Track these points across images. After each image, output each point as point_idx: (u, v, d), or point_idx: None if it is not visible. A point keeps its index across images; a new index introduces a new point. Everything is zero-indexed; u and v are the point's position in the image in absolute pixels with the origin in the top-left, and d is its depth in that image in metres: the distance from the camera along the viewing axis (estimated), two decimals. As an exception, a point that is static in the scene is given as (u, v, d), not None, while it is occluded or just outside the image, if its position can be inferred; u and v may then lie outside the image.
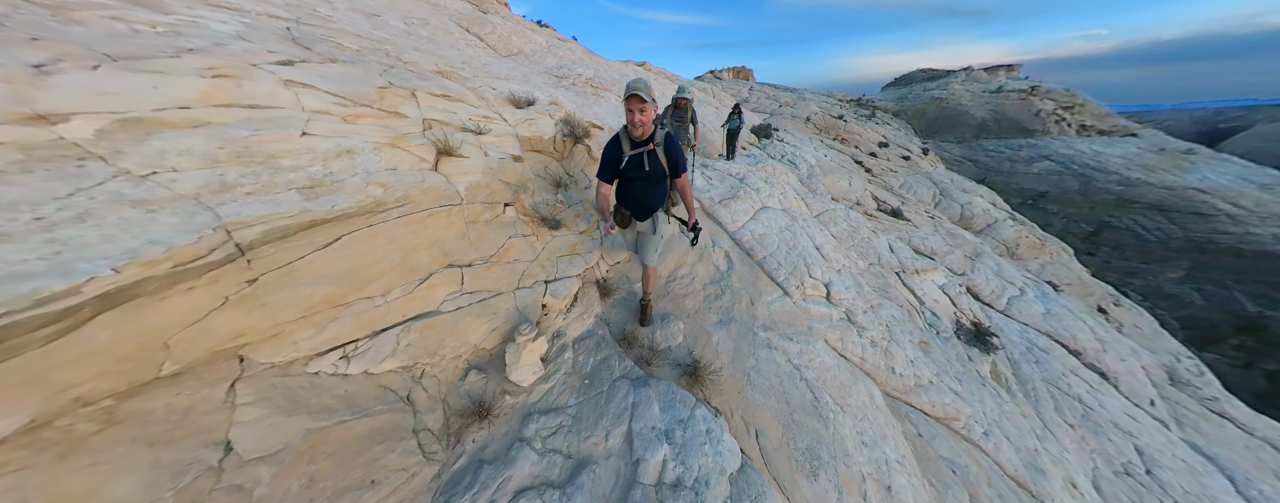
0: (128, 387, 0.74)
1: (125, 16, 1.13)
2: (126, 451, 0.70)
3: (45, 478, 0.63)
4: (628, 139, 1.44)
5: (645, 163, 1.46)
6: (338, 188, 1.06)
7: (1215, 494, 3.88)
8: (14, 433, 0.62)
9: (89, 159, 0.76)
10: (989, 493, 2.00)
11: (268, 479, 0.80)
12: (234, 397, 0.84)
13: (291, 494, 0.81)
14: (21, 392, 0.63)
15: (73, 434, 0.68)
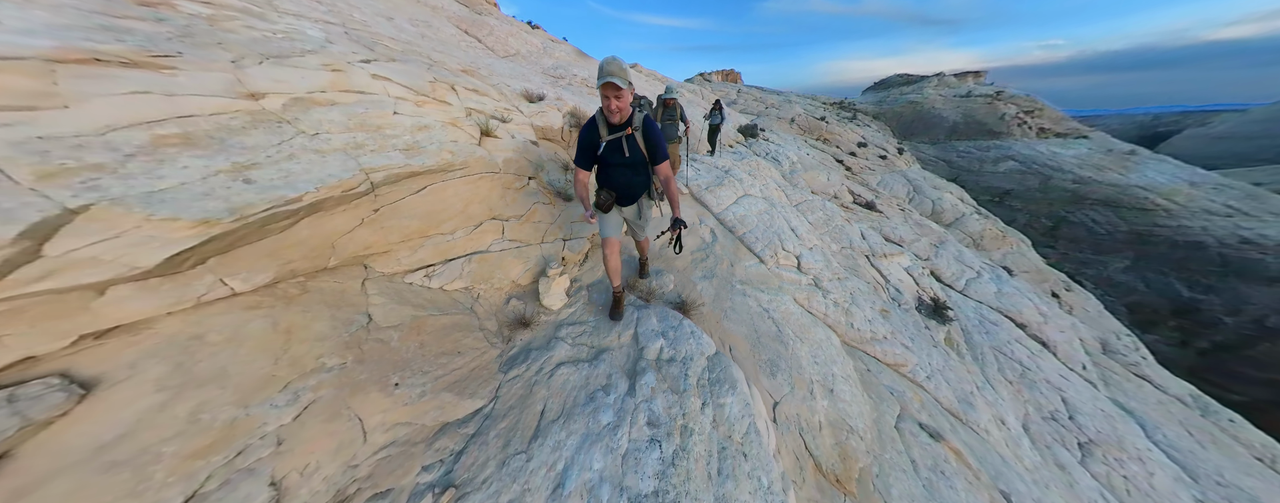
0: (312, 269, 1.15)
1: (254, 26, 1.51)
2: (317, 306, 1.11)
3: (281, 314, 1.04)
4: (604, 123, 1.37)
5: (624, 148, 1.39)
6: (423, 151, 1.47)
7: (1126, 436, 4.60)
8: (264, 285, 1.03)
9: (283, 123, 1.16)
10: (918, 409, 2.53)
11: (396, 339, 1.21)
12: (366, 289, 1.25)
13: (412, 350, 1.22)
14: (268, 260, 1.03)
15: (289, 293, 1.08)
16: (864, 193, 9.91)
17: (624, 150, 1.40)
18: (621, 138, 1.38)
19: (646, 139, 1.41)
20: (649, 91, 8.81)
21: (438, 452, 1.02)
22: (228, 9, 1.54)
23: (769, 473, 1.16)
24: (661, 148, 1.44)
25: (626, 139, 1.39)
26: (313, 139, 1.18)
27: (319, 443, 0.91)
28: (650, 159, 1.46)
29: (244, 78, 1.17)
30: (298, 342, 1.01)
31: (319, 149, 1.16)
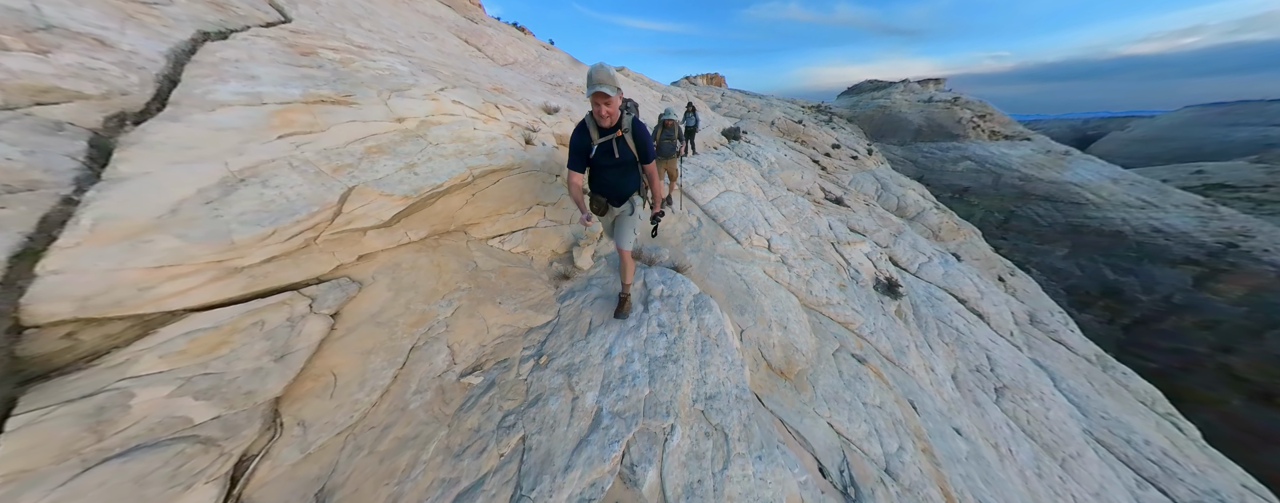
0: (443, 231, 1.80)
1: (367, 64, 2.13)
2: (449, 253, 1.77)
3: (433, 255, 1.69)
4: (595, 127, 1.43)
5: (615, 150, 1.45)
6: (496, 155, 2.14)
7: (1035, 383, 5.71)
8: (422, 238, 1.69)
9: (419, 137, 1.80)
10: (855, 348, 3.37)
11: (494, 278, 1.87)
12: (469, 247, 1.91)
13: (503, 285, 1.88)
14: (424, 223, 1.69)
15: (434, 244, 1.74)
16: (834, 190, 11.07)
17: (614, 152, 1.47)
18: (612, 140, 1.46)
19: (636, 140, 1.49)
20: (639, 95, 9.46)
21: (529, 340, 1.69)
22: (345, 52, 2.15)
23: (731, 355, 1.90)
24: (649, 148, 1.54)
25: (617, 141, 1.46)
26: (437, 147, 1.83)
27: (464, 330, 1.57)
28: (639, 158, 1.53)
29: (391, 107, 1.81)
30: (444, 272, 1.66)
31: (443, 154, 1.82)
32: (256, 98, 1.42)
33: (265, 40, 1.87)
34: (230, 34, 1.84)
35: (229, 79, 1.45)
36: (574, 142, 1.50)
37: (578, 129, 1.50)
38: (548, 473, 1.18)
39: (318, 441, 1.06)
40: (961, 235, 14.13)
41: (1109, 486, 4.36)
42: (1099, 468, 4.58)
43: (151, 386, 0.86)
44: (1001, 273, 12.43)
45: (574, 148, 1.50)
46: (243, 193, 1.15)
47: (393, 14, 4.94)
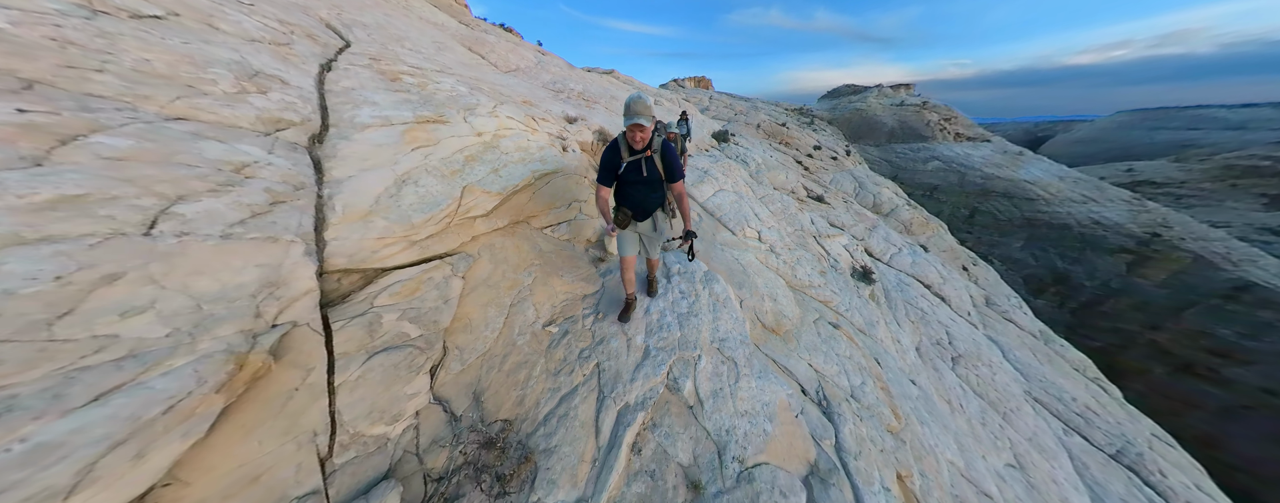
0: (515, 222, 2.34)
1: (437, 88, 2.62)
2: (522, 239, 2.30)
3: (514, 239, 2.22)
4: (626, 146, 1.55)
5: (643, 168, 1.56)
6: (547, 160, 2.68)
7: (986, 354, 6.66)
8: (505, 226, 2.22)
9: (494, 148, 2.32)
10: (831, 317, 4.07)
11: (553, 257, 2.41)
12: (533, 234, 2.44)
13: (561, 263, 2.42)
14: (506, 214, 2.22)
15: (512, 231, 2.27)
16: (816, 188, 12.04)
17: (642, 170, 1.60)
18: (641, 159, 1.58)
19: (664, 160, 1.63)
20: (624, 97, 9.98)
21: (586, 303, 2.23)
22: (417, 76, 2.64)
23: (735, 314, 2.51)
24: (677, 168, 1.66)
25: (645, 160, 1.59)
26: (508, 155, 2.35)
27: (541, 294, 2.11)
28: (666, 178, 1.66)
29: (470, 125, 2.32)
30: (522, 251, 2.19)
31: (512, 161, 2.35)
32: (386, 120, 1.91)
33: (362, 69, 2.33)
34: (331, 64, 2.30)
35: (361, 106, 1.93)
36: (606, 158, 1.64)
37: (610, 147, 1.65)
38: (619, 384, 1.74)
39: (468, 360, 1.59)
40: (930, 229, 15.49)
41: (1041, 433, 5.28)
42: (1033, 419, 5.51)
43: (388, 312, 1.36)
44: (965, 263, 13.75)
45: (605, 164, 1.65)
46: (407, 190, 1.66)
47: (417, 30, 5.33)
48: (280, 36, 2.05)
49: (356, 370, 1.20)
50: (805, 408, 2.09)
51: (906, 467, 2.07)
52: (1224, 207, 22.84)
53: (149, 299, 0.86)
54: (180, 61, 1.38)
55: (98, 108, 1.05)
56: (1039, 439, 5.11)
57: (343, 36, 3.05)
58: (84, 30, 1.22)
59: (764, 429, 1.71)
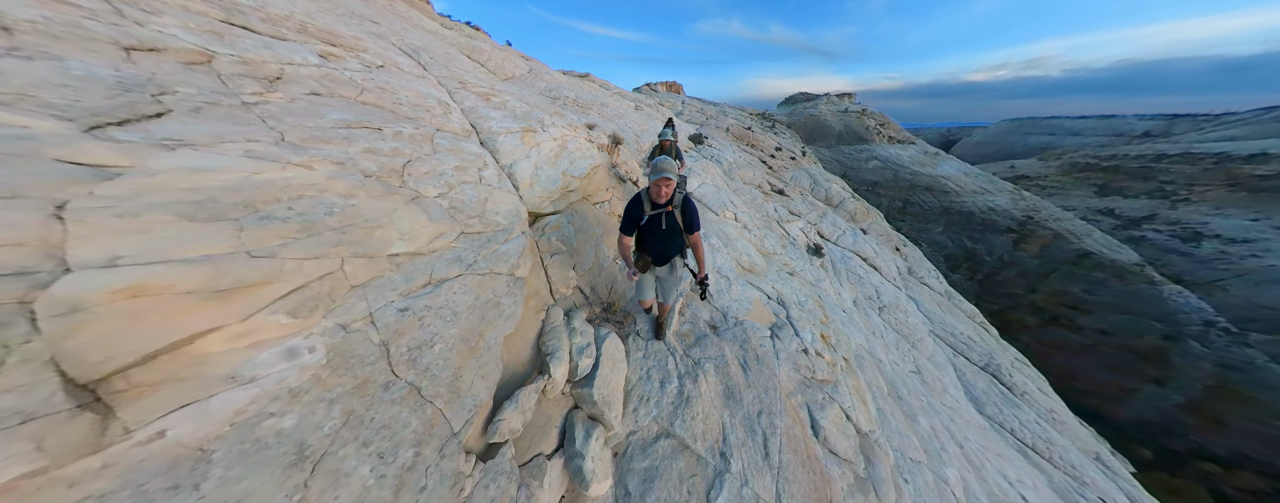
0: (581, 198, 3.50)
1: (509, 103, 3.69)
2: (587, 207, 3.45)
3: (584, 208, 3.38)
4: (649, 200, 1.69)
5: (663, 222, 1.71)
6: (594, 158, 3.83)
7: (904, 305, 8.82)
8: (580, 200, 3.38)
9: (566, 149, 3.44)
10: (788, 269, 5.64)
11: (607, 220, 3.61)
12: (591, 206, 3.61)
13: (613, 224, 3.63)
14: (581, 190, 3.38)
15: (581, 203, 3.43)
16: (778, 184, 14.18)
17: (662, 224, 1.74)
18: (661, 213, 1.71)
19: (684, 215, 1.74)
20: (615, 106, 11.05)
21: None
22: (497, 95, 3.68)
23: (726, 256, 3.88)
24: (696, 220, 1.77)
25: (666, 215, 1.72)
26: (575, 153, 3.48)
27: (608, 243, 3.29)
28: (686, 229, 1.77)
29: (548, 133, 3.43)
30: (590, 214, 3.34)
31: (578, 157, 3.48)
32: (507, 129, 2.97)
33: (469, 92, 3.33)
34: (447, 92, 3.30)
35: (486, 119, 2.97)
36: (629, 211, 1.78)
37: (634, 200, 1.79)
38: (664, 288, 3.00)
39: (583, 270, 2.75)
40: (870, 217, 18.54)
41: (936, 354, 7.37)
42: (932, 346, 7.62)
43: (554, 234, 2.50)
44: (897, 244, 16.76)
45: (629, 217, 1.78)
46: (541, 172, 2.76)
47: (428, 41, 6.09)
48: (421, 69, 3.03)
49: (548, 261, 2.33)
50: (769, 302, 3.49)
51: (827, 330, 3.56)
52: (1071, 194, 31.45)
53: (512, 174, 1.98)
54: (418, 96, 2.38)
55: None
56: (934, 358, 7.18)
57: (424, 66, 3.97)
58: (372, 78, 2.22)
59: (747, 307, 3.07)
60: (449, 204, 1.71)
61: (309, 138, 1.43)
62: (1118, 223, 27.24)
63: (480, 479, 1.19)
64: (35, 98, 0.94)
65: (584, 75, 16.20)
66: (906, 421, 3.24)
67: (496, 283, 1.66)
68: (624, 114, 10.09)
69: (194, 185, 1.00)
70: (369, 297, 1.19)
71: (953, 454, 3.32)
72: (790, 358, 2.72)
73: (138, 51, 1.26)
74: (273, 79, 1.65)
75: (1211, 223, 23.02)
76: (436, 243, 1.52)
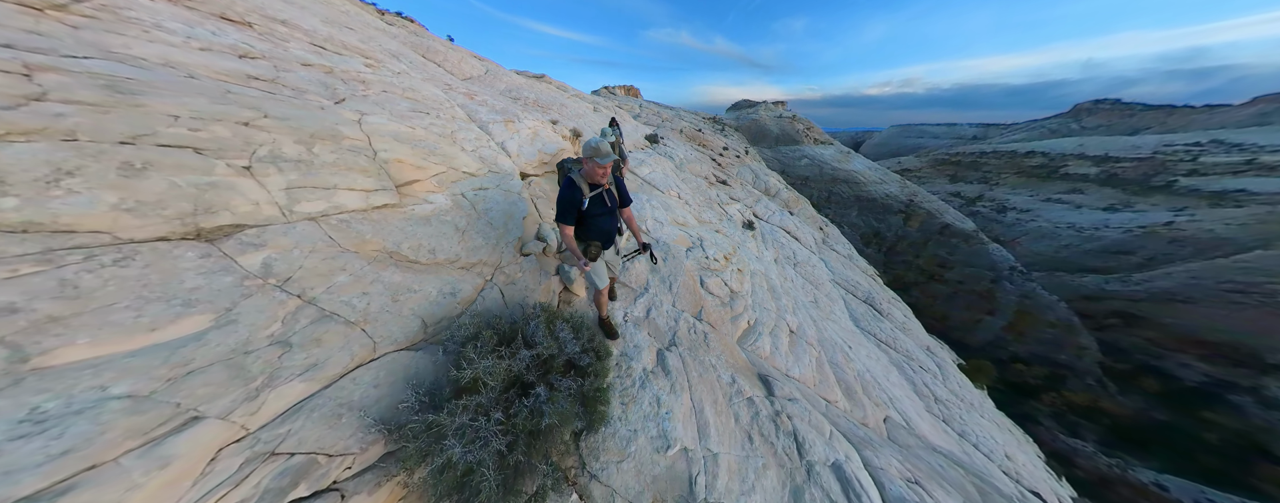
0: (548, 172, 4.74)
1: (494, 102, 4.75)
2: (551, 181, 4.72)
3: (547, 180, 4.63)
4: (584, 183, 1.67)
5: (605, 199, 1.74)
6: (558, 143, 5.07)
7: (815, 262, 11.34)
8: (548, 173, 4.61)
9: (539, 135, 4.62)
10: (718, 230, 7.39)
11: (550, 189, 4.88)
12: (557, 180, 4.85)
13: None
14: (547, 165, 4.61)
15: (545, 176, 4.67)
16: (723, 176, 16.55)
17: (605, 202, 1.77)
18: (602, 191, 1.75)
19: (618, 187, 1.82)
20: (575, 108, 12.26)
21: None
22: (479, 94, 4.74)
23: (661, 211, 5.39)
24: (626, 192, 1.86)
25: (605, 192, 1.76)
26: (546, 138, 4.68)
27: None
28: (621, 202, 1.85)
29: (524, 122, 4.57)
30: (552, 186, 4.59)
31: (548, 141, 4.68)
32: (493, 120, 4.06)
33: (457, 93, 4.34)
34: (442, 91, 4.30)
35: (479, 113, 4.03)
36: (566, 198, 1.70)
37: (568, 185, 1.72)
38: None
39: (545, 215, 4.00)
40: (800, 204, 21.99)
41: (832, 292, 9.79)
42: (831, 288, 10.06)
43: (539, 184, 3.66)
44: (820, 224, 20.21)
45: (567, 203, 1.70)
46: (524, 147, 3.91)
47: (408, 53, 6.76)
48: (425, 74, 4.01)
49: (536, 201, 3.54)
50: (691, 237, 5.05)
51: (729, 254, 5.22)
52: (934, 182, 44.16)
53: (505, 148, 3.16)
54: (431, 95, 3.43)
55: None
56: (830, 294, 9.54)
57: (405, 65, 4.83)
58: (400, 82, 3.26)
59: (673, 236, 4.55)
60: (479, 156, 2.88)
61: (402, 113, 2.54)
62: (962, 202, 40.37)
63: (521, 263, 2.45)
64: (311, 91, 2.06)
65: (540, 76, 15.54)
66: (774, 301, 4.99)
67: (512, 194, 2.89)
68: (583, 114, 11.23)
69: (380, 131, 2.15)
70: (461, 185, 2.46)
71: (804, 317, 5.21)
72: (695, 259, 4.26)
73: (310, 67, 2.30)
74: (360, 82, 2.68)
75: (1011, 199, 37.13)
76: (479, 171, 2.78)
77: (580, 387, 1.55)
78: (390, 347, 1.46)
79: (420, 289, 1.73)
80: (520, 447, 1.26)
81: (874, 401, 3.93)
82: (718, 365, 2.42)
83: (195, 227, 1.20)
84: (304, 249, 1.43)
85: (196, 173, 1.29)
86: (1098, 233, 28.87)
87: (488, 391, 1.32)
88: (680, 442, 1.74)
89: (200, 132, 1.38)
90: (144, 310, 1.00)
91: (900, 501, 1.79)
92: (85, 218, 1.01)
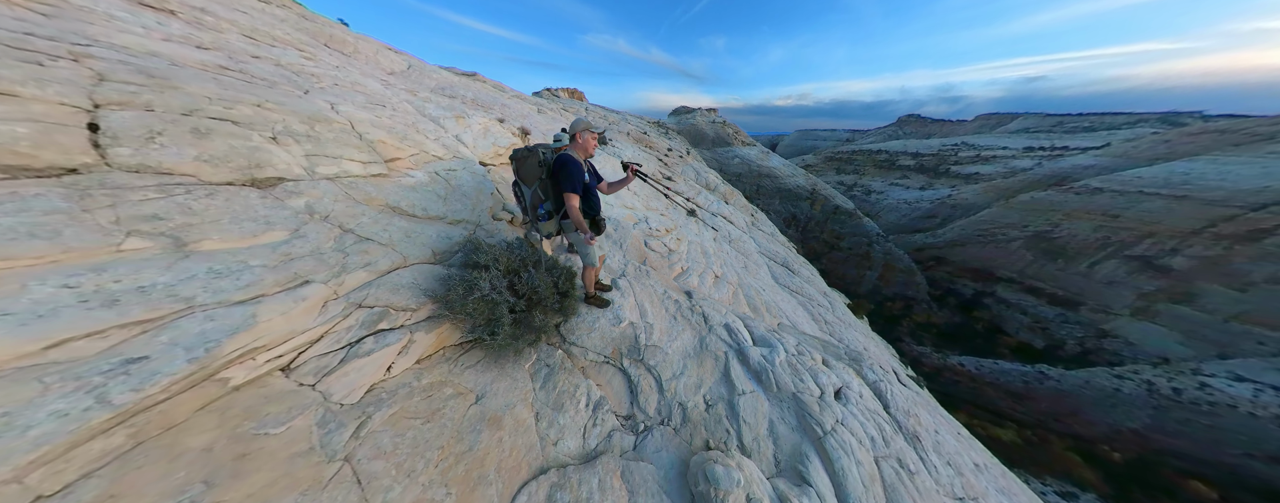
0: (503, 163, 5.24)
1: (436, 98, 5.01)
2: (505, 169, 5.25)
3: (501, 172, 5.15)
4: (579, 156, 1.90)
5: (595, 171, 2.03)
6: (504, 139, 5.54)
7: (747, 238, 13.45)
8: (503, 163, 5.11)
9: (490, 131, 5.03)
10: (666, 221, 8.58)
11: (529, 178, 5.43)
12: (516, 168, 5.34)
13: (533, 180, 5.46)
14: (502, 157, 5.09)
15: (505, 165, 5.16)
16: (669, 173, 18.25)
17: (594, 173, 2.04)
18: (592, 164, 2.04)
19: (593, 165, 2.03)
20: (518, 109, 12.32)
21: None
22: (422, 92, 4.97)
23: (615, 202, 6.24)
24: (595, 169, 2.10)
25: (591, 166, 2.04)
26: (497, 134, 5.10)
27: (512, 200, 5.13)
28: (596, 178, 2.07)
29: (476, 119, 4.95)
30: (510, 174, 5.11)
31: (499, 136, 5.13)
32: (443, 115, 4.32)
33: (398, 90, 4.52)
34: (383, 87, 4.47)
35: (427, 108, 4.32)
36: (571, 168, 1.83)
37: (568, 159, 1.87)
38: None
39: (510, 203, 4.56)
40: (734, 196, 25.02)
41: (759, 259, 11.90)
42: (761, 258, 12.18)
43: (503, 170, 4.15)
44: (752, 212, 23.41)
45: (575, 172, 1.83)
46: (479, 141, 4.30)
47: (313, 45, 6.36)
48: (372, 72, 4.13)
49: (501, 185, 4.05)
50: (635, 215, 6.01)
51: (668, 228, 6.34)
52: (826, 174, 56.94)
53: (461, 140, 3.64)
54: (377, 90, 3.67)
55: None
56: (757, 261, 11.65)
57: (339, 60, 4.78)
58: (346, 75, 3.47)
59: (622, 217, 5.43)
60: (443, 144, 3.31)
61: (364, 105, 2.89)
62: (845, 188, 54.83)
63: (496, 224, 3.02)
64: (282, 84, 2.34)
65: (471, 74, 14.59)
66: (705, 259, 6.28)
67: (479, 175, 3.33)
68: (527, 115, 11.40)
69: (358, 118, 2.54)
70: (434, 166, 2.88)
71: (729, 270, 6.66)
72: (640, 230, 5.22)
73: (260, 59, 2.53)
74: (312, 76, 2.91)
75: (872, 184, 51.45)
76: (446, 155, 3.19)
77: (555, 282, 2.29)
78: (417, 260, 2.01)
79: (423, 232, 2.26)
80: (521, 305, 1.96)
81: (773, 315, 5.40)
82: (655, 285, 3.35)
83: (251, 177, 1.63)
84: (330, 198, 1.90)
85: (241, 139, 1.68)
86: (917, 205, 41.63)
87: (496, 268, 1.95)
88: (628, 319, 2.59)
89: (232, 109, 1.73)
90: (243, 225, 1.47)
91: (762, 337, 2.95)
92: (179, 165, 1.41)
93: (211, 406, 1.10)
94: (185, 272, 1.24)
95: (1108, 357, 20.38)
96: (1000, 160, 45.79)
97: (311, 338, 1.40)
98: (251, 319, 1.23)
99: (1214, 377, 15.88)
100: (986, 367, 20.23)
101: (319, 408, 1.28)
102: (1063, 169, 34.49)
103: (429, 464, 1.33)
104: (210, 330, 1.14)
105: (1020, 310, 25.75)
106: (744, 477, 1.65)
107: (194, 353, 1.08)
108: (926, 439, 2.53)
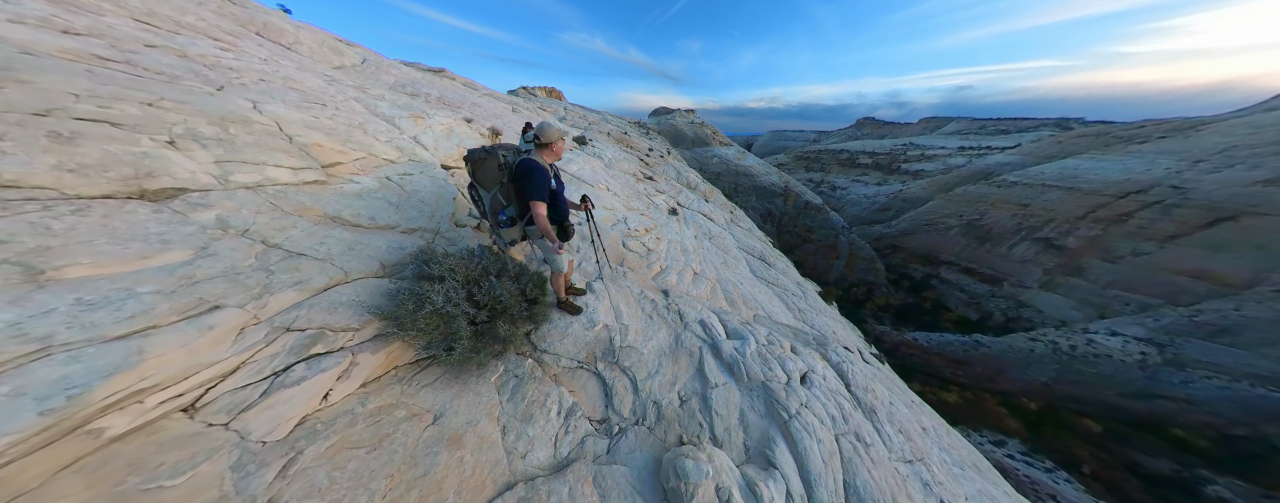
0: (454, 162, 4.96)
1: (394, 98, 4.63)
2: None
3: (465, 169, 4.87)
4: (544, 162, 1.79)
5: (558, 176, 1.90)
6: (471, 141, 5.25)
7: (726, 234, 13.72)
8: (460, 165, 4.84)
9: (454, 131, 4.72)
10: (647, 221, 8.53)
11: (501, 180, 5.17)
12: (486, 171, 5.07)
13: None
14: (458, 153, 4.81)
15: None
16: (649, 173, 18.25)
17: (561, 180, 1.91)
18: (557, 170, 1.90)
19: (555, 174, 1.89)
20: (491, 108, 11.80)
21: None
22: (374, 90, 4.58)
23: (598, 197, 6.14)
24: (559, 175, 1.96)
25: (557, 173, 1.91)
26: (462, 134, 4.81)
27: None
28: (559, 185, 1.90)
29: (437, 118, 4.62)
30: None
31: (464, 137, 4.83)
32: (399, 115, 4.00)
33: (346, 85, 4.12)
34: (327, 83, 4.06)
35: (380, 107, 3.96)
36: (537, 175, 1.72)
37: (534, 165, 1.75)
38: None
39: None
40: (714, 194, 25.52)
41: (737, 254, 12.21)
42: (737, 252, 12.49)
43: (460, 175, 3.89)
44: (731, 209, 23.99)
45: (542, 180, 1.72)
46: (441, 141, 3.98)
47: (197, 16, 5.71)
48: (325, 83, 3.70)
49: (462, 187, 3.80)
50: (614, 216, 5.91)
51: (648, 227, 6.32)
52: (797, 172, 60.81)
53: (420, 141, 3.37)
54: (316, 86, 3.28)
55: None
56: (736, 256, 11.94)
57: (270, 51, 4.29)
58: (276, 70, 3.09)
59: (600, 217, 5.31)
60: (396, 146, 3.02)
61: (297, 104, 2.58)
62: (813, 184, 58.94)
63: (458, 231, 2.81)
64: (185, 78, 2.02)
65: (439, 71, 13.61)
66: (684, 256, 6.32)
67: (438, 180, 3.11)
68: (501, 114, 10.90)
69: (287, 119, 2.24)
70: (385, 170, 2.62)
71: (708, 266, 6.74)
72: (619, 230, 5.13)
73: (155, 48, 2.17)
74: (230, 69, 2.54)
75: (836, 181, 54.58)
76: (400, 159, 2.92)
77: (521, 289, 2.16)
78: (360, 275, 1.80)
79: (369, 243, 2.03)
80: (483, 316, 1.81)
81: (749, 308, 5.52)
82: (632, 285, 3.28)
83: (139, 188, 1.35)
84: (250, 210, 1.64)
85: (124, 144, 1.39)
86: (875, 199, 45.16)
87: (453, 279, 1.77)
88: (603, 322, 2.50)
89: (110, 109, 1.42)
90: (128, 246, 1.21)
91: (735, 330, 2.99)
92: (27, 176, 1.12)
93: (79, 463, 0.89)
94: (39, 306, 1.00)
95: (1025, 324, 23.49)
96: (939, 159, 50.66)
97: (223, 371, 1.19)
98: (136, 356, 1.02)
99: (1096, 334, 18.84)
100: (934, 339, 22.68)
101: (234, 449, 1.09)
102: (988, 166, 39.27)
103: (374, 496, 1.18)
104: (74, 374, 0.93)
105: (959, 289, 29.07)
106: (714, 468, 1.64)
107: (49, 403, 0.87)
108: (882, 411, 2.67)
